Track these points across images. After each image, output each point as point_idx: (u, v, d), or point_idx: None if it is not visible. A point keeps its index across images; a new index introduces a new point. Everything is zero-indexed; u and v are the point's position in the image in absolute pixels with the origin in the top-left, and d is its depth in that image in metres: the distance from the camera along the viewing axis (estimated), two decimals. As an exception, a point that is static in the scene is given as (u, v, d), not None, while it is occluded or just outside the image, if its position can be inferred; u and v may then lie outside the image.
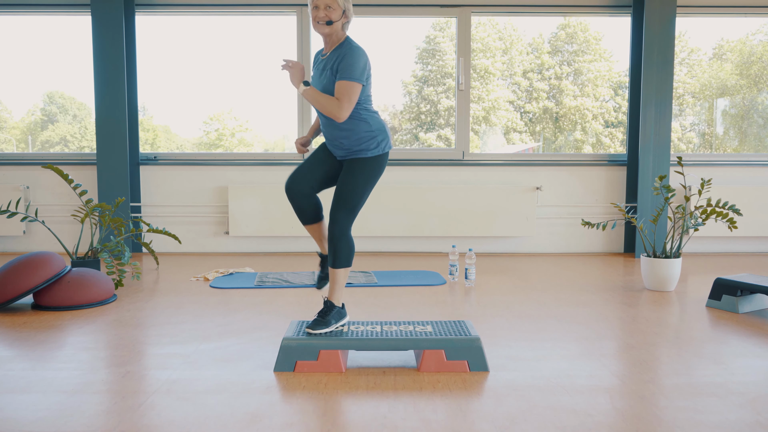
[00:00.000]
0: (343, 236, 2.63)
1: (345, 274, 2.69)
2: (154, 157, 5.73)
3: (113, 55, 5.41)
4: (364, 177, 2.64)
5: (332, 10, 2.51)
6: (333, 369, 2.48)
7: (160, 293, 3.99)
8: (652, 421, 2.01)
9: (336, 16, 2.52)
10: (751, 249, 5.80)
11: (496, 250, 5.78)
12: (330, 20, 2.52)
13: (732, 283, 3.51)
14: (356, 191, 2.62)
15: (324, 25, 2.53)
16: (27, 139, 6.68)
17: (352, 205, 2.62)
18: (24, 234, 5.67)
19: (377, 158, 2.66)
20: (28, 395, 2.23)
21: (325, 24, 2.53)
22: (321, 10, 2.51)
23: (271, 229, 5.63)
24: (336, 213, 2.61)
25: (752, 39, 6.37)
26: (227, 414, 2.07)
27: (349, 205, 2.61)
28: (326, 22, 2.52)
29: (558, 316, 3.39)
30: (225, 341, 2.92)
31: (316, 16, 2.53)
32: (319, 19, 2.52)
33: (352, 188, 2.62)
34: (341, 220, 2.61)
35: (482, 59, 6.82)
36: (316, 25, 2.55)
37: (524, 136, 7.11)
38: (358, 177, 2.62)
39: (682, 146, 6.71)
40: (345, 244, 2.64)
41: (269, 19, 5.88)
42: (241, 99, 6.52)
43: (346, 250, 2.65)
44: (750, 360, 2.64)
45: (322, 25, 2.53)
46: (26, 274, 3.48)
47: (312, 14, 2.54)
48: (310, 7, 2.55)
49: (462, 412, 2.08)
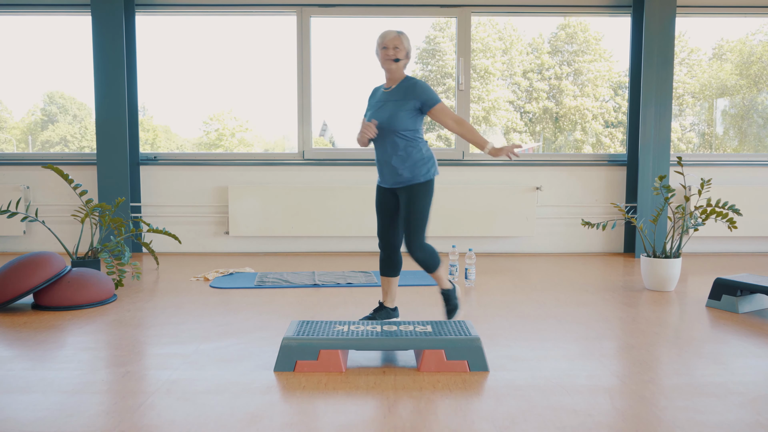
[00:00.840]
0: (422, 251, 3.05)
1: (443, 269, 3.23)
2: (154, 157, 5.73)
3: (113, 55, 5.41)
4: (425, 200, 3.04)
5: (399, 50, 3.01)
6: (333, 369, 2.48)
7: (160, 293, 4.00)
8: (652, 421, 2.01)
9: (402, 56, 3.03)
10: (751, 249, 5.80)
11: (496, 250, 5.78)
12: (397, 58, 3.01)
13: (732, 283, 3.51)
14: (423, 213, 3.04)
15: (392, 61, 3.02)
16: (27, 139, 6.68)
17: (422, 226, 3.04)
18: (24, 234, 5.67)
19: (428, 183, 3.06)
20: (28, 395, 2.23)
21: (393, 61, 3.02)
22: (390, 50, 3.01)
23: (271, 229, 5.63)
24: (414, 239, 3.02)
25: (752, 39, 6.38)
26: (227, 414, 2.07)
27: (420, 226, 3.03)
28: (394, 60, 3.01)
29: (558, 316, 3.39)
30: (225, 341, 2.92)
31: (385, 55, 3.01)
32: (388, 57, 3.01)
33: (420, 212, 3.03)
34: (418, 242, 3.03)
35: (482, 59, 6.82)
36: (385, 62, 3.04)
37: (524, 136, 7.11)
38: (422, 201, 3.03)
39: (682, 146, 6.71)
40: (429, 256, 3.07)
41: (269, 19, 5.88)
42: (241, 99, 6.52)
43: (432, 257, 3.08)
44: (750, 360, 2.64)
45: (390, 61, 3.02)
46: (26, 274, 3.48)
47: (381, 54, 3.03)
48: (380, 47, 3.03)
49: (462, 412, 2.09)
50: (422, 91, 3.01)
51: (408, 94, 3.02)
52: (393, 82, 3.09)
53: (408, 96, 3.01)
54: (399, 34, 3.04)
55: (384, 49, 3.03)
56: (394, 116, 2.99)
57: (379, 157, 3.09)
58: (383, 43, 3.03)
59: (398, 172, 3.02)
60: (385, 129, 3.00)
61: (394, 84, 3.08)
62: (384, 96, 3.09)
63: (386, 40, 3.02)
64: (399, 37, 3.02)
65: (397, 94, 3.04)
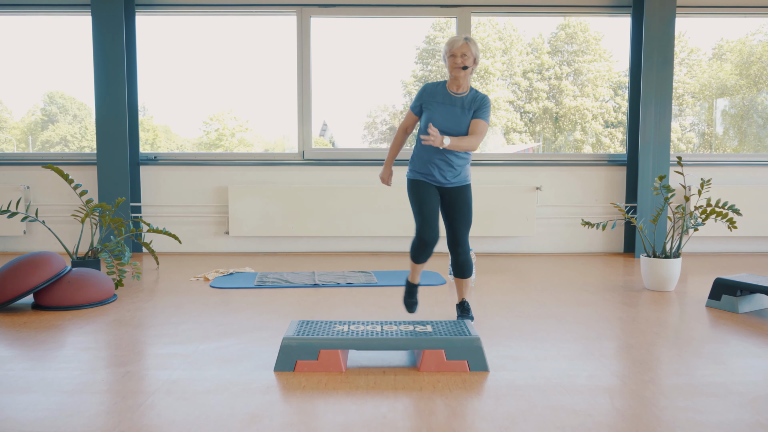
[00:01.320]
0: (470, 251, 3.27)
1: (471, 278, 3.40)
2: (154, 157, 5.73)
3: (113, 55, 5.41)
4: (471, 199, 3.23)
5: (467, 58, 3.04)
6: (333, 369, 2.48)
7: (160, 293, 4.00)
8: (652, 421, 2.01)
9: (470, 63, 3.06)
10: (751, 249, 5.80)
11: (496, 250, 5.78)
12: (465, 66, 3.04)
13: (732, 283, 3.51)
14: (471, 213, 3.22)
15: (461, 69, 3.05)
16: (27, 139, 6.68)
17: (470, 224, 3.22)
18: (24, 234, 5.67)
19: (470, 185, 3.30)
20: (28, 395, 2.23)
21: (462, 68, 3.05)
22: (458, 57, 3.04)
23: (271, 229, 5.63)
24: (464, 234, 3.17)
25: (752, 39, 6.38)
26: (227, 414, 2.07)
27: (469, 225, 3.20)
28: (462, 67, 3.05)
29: (558, 316, 3.39)
30: (225, 341, 2.92)
31: (454, 62, 3.05)
32: (456, 65, 3.05)
33: (470, 211, 3.21)
34: (467, 239, 3.20)
35: (482, 59, 6.82)
36: (453, 70, 3.07)
37: (524, 136, 7.11)
38: (470, 201, 3.21)
39: (682, 146, 6.71)
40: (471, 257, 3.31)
41: (269, 19, 5.88)
42: (241, 99, 6.52)
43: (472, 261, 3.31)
44: (750, 360, 2.64)
45: (458, 69, 3.06)
46: (26, 274, 3.48)
47: (449, 61, 3.07)
48: (447, 55, 3.07)
49: (462, 412, 2.09)
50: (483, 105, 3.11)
51: (474, 105, 3.11)
52: (462, 88, 3.13)
53: (473, 107, 3.11)
54: (466, 40, 3.05)
55: (452, 57, 3.06)
56: (465, 122, 3.09)
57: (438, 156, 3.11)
58: (451, 51, 3.06)
59: (458, 171, 3.14)
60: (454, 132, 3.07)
61: (462, 90, 3.13)
62: (454, 100, 3.12)
63: (454, 48, 3.04)
64: (467, 44, 3.04)
65: (467, 103, 3.12)
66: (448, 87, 3.15)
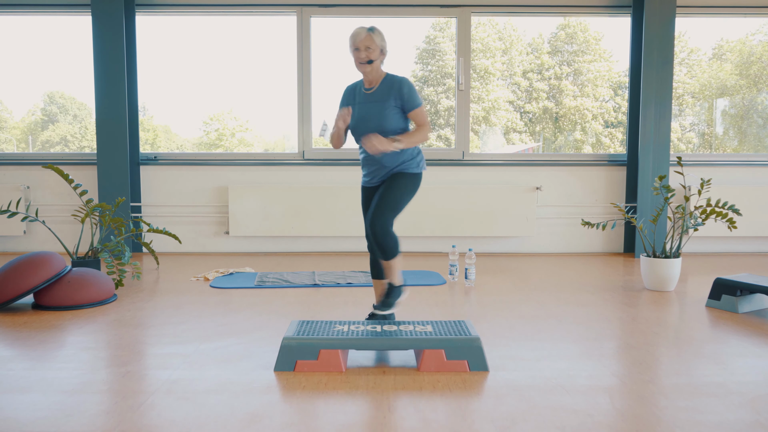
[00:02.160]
0: (386, 234, 2.85)
1: (398, 261, 2.94)
2: (154, 157, 5.73)
3: (113, 55, 5.41)
4: (405, 187, 2.91)
5: (371, 51, 2.84)
6: (333, 369, 2.48)
7: (161, 293, 4.00)
8: (652, 421, 2.01)
9: (375, 56, 2.85)
10: (751, 249, 5.80)
11: (496, 250, 5.78)
12: (370, 59, 2.84)
13: (732, 283, 3.51)
14: (397, 196, 2.88)
15: (366, 64, 2.86)
16: (27, 139, 6.68)
17: (391, 207, 2.86)
18: (24, 234, 5.67)
19: (416, 176, 2.97)
20: (28, 395, 2.23)
21: (366, 63, 2.85)
22: (362, 51, 2.84)
23: (271, 229, 5.63)
24: (377, 216, 2.84)
25: (752, 39, 6.38)
26: (227, 414, 2.07)
27: (389, 207, 2.86)
28: (367, 62, 2.85)
29: (558, 316, 3.39)
30: (225, 341, 2.92)
31: (358, 57, 2.85)
32: (360, 60, 2.85)
33: (395, 194, 2.87)
34: (381, 219, 2.84)
35: (482, 59, 6.82)
36: (359, 65, 2.87)
37: (524, 136, 7.12)
38: (400, 185, 2.90)
39: (682, 146, 6.71)
40: (390, 239, 2.86)
41: (269, 19, 5.88)
42: (241, 99, 6.52)
43: (393, 243, 2.87)
44: (750, 360, 2.65)
45: (363, 64, 2.86)
46: (26, 274, 3.48)
47: (354, 56, 2.87)
48: (351, 49, 2.87)
49: (462, 412, 2.09)
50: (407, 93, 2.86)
51: (392, 93, 2.87)
52: (373, 83, 2.93)
53: (392, 95, 2.87)
54: (369, 32, 2.84)
55: (356, 51, 2.85)
56: (383, 117, 2.86)
57: (369, 157, 2.97)
58: (354, 44, 2.85)
59: (389, 164, 2.93)
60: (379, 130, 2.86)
61: (375, 84, 2.92)
62: (365, 97, 2.93)
63: (357, 41, 2.84)
64: (370, 36, 2.83)
65: (380, 95, 2.89)
66: (364, 84, 2.96)
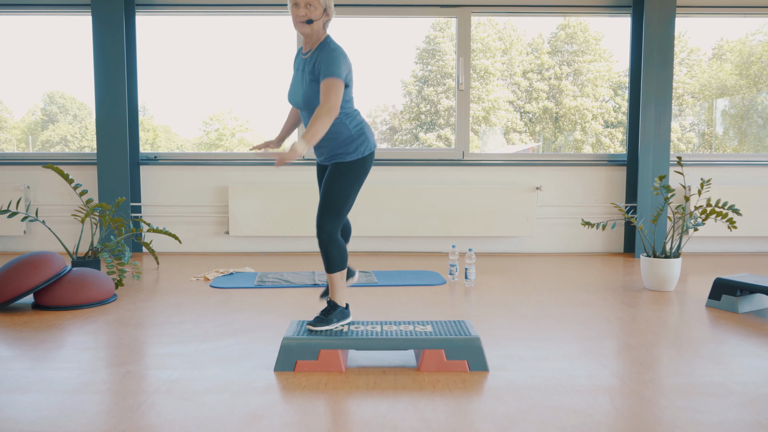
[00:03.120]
0: (331, 241, 2.63)
1: (342, 277, 2.72)
2: (155, 157, 5.73)
3: (113, 55, 5.41)
4: (346, 181, 2.62)
5: (313, 9, 2.46)
6: (333, 369, 2.48)
7: (161, 293, 4.00)
8: (652, 421, 2.01)
9: (316, 15, 2.47)
10: (751, 249, 5.80)
11: (496, 250, 5.78)
12: (310, 19, 2.47)
13: (732, 283, 3.51)
14: (340, 195, 2.61)
15: (304, 24, 2.48)
16: (27, 138, 6.68)
17: (337, 209, 2.60)
18: (24, 234, 5.67)
19: (358, 162, 2.64)
20: (28, 395, 2.23)
21: (305, 23, 2.48)
22: (301, 8, 2.45)
23: (271, 229, 5.63)
24: (322, 219, 2.60)
25: (752, 39, 6.38)
26: (227, 414, 2.07)
27: (334, 209, 2.60)
28: (306, 21, 2.47)
29: (558, 316, 3.39)
30: (225, 341, 2.92)
31: (296, 14, 2.47)
32: (299, 18, 2.47)
33: (335, 193, 2.60)
34: (327, 225, 2.60)
35: (482, 59, 6.83)
36: (297, 24, 2.49)
37: (524, 136, 7.12)
38: (341, 181, 2.61)
39: (682, 146, 6.72)
40: (335, 248, 2.65)
41: (269, 19, 5.88)
42: (241, 99, 6.53)
43: (338, 253, 2.66)
44: (750, 360, 2.65)
45: (302, 24, 2.48)
46: (26, 273, 3.48)
47: (292, 12, 2.49)
48: (290, 5, 2.49)
49: (462, 412, 2.09)
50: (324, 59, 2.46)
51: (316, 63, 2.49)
52: (310, 46, 2.55)
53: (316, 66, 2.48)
54: None
55: (295, 7, 2.47)
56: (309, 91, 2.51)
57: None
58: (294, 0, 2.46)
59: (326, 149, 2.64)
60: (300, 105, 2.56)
61: (310, 48, 2.55)
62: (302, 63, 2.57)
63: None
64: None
65: (311, 62, 2.51)
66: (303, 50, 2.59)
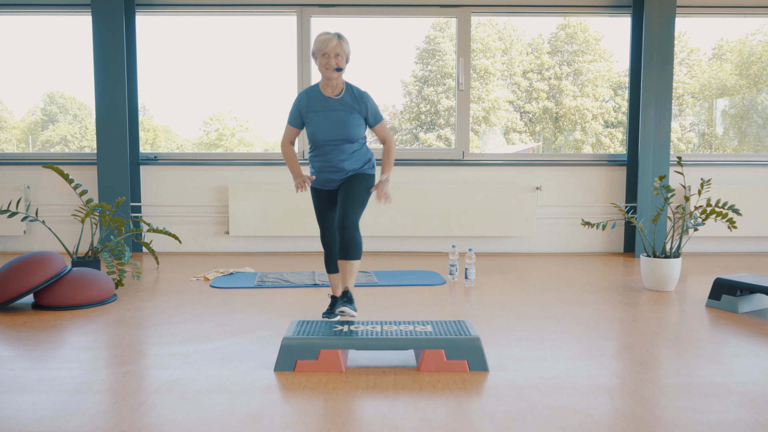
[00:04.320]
0: (357, 229, 3.03)
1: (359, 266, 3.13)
2: (155, 157, 5.73)
3: (113, 55, 5.41)
4: (366, 185, 3.10)
5: (341, 58, 2.89)
6: (333, 369, 2.48)
7: (161, 293, 4.00)
8: (652, 421, 2.01)
9: (343, 64, 2.92)
10: (751, 249, 5.80)
11: (496, 250, 5.78)
12: (340, 67, 2.90)
13: (732, 283, 3.51)
14: (362, 195, 3.06)
15: (334, 71, 2.90)
16: (27, 138, 6.68)
17: (360, 204, 3.03)
18: (24, 234, 5.68)
19: (372, 176, 3.18)
20: (28, 395, 2.23)
21: (335, 71, 2.90)
22: (332, 58, 2.87)
23: (271, 229, 5.63)
24: (351, 212, 3.00)
25: (752, 39, 6.38)
26: (227, 414, 2.07)
27: (358, 204, 3.03)
28: (336, 69, 2.89)
29: (558, 316, 3.39)
30: (225, 341, 2.92)
31: (327, 64, 2.88)
32: (330, 67, 2.88)
33: (358, 191, 3.04)
34: (356, 217, 3.02)
35: (482, 59, 6.83)
36: (326, 71, 2.91)
37: (524, 136, 7.12)
38: (362, 184, 3.07)
39: (682, 146, 6.72)
40: (358, 236, 3.03)
41: (269, 19, 5.88)
42: (241, 99, 6.53)
43: (360, 241, 3.04)
44: (750, 360, 2.65)
45: (332, 71, 2.90)
46: (26, 273, 3.48)
47: (322, 62, 2.89)
48: (319, 54, 2.89)
49: (462, 412, 2.09)
50: (372, 107, 3.05)
51: (358, 104, 3.02)
52: (337, 90, 3.01)
53: (357, 106, 3.02)
54: (340, 39, 2.88)
55: (324, 57, 2.88)
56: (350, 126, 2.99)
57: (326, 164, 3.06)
58: (324, 50, 2.87)
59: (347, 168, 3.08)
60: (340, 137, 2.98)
61: (334, 91, 3.01)
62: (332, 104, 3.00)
63: (328, 47, 2.86)
64: (340, 44, 2.87)
65: (348, 102, 3.01)
66: (322, 90, 3.00)
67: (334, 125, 2.97)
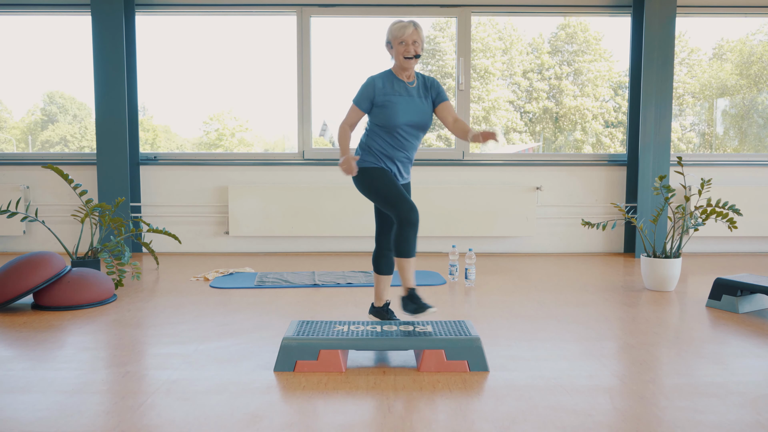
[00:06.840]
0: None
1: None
2: (154, 157, 5.73)
3: (113, 55, 5.41)
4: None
5: (418, 45, 2.86)
6: (333, 369, 2.48)
7: (160, 293, 3.99)
8: (652, 421, 2.01)
9: (420, 50, 2.87)
10: (751, 249, 5.80)
11: (496, 250, 5.78)
12: (418, 54, 2.86)
13: (732, 283, 3.51)
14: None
15: (413, 58, 2.86)
16: (27, 139, 6.68)
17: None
18: (24, 234, 5.67)
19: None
20: (28, 395, 2.23)
21: (414, 57, 2.85)
22: (410, 45, 2.84)
23: (271, 229, 5.62)
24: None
25: (752, 39, 6.38)
26: (227, 414, 2.07)
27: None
28: (415, 56, 2.85)
29: (558, 316, 3.39)
30: (225, 341, 2.92)
31: (406, 51, 2.84)
32: (409, 54, 2.85)
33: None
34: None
35: (482, 59, 6.82)
36: (403, 60, 2.86)
37: (524, 136, 7.11)
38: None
39: (682, 146, 6.71)
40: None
41: (269, 19, 5.88)
42: (241, 99, 6.52)
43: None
44: (750, 360, 2.64)
45: (410, 59, 2.85)
46: (26, 274, 3.48)
47: (399, 49, 2.85)
48: (396, 42, 2.85)
49: (462, 412, 2.08)
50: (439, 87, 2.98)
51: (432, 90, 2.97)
52: (409, 77, 2.95)
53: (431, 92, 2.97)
54: (416, 27, 2.85)
55: (402, 45, 2.84)
56: (427, 114, 2.94)
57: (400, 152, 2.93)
58: (401, 37, 2.83)
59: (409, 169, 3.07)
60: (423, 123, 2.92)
61: (410, 78, 2.96)
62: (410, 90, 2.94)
63: (406, 34, 2.83)
64: (417, 31, 2.85)
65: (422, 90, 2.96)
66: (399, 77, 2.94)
67: (414, 109, 2.91)
